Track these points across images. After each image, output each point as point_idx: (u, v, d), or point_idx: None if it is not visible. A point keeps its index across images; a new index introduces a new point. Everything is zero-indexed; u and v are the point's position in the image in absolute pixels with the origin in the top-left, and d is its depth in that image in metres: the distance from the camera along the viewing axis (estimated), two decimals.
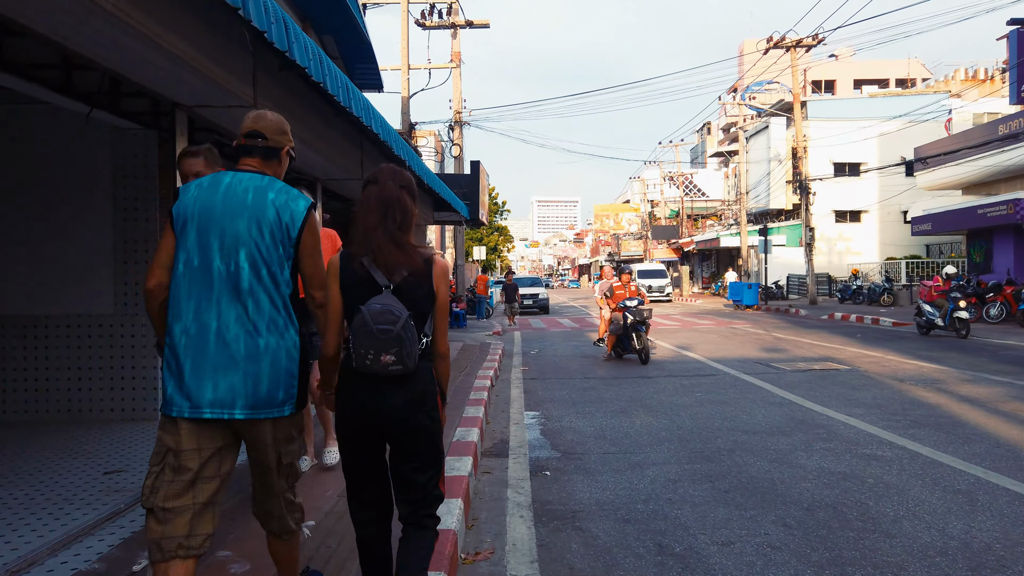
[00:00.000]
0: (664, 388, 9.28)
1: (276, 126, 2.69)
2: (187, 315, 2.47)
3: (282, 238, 2.55)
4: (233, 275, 2.49)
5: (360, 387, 2.51)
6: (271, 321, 2.51)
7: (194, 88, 4.83)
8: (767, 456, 5.71)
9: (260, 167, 2.65)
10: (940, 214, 24.85)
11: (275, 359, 2.49)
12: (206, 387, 2.42)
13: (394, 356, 2.40)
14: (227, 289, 2.49)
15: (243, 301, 2.49)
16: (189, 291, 2.48)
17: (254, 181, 2.57)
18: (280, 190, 2.59)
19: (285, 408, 2.53)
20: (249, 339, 2.47)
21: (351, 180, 8.51)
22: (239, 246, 2.50)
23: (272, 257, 2.53)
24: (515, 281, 25.45)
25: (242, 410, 2.45)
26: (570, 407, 8.09)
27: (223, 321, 2.46)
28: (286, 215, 2.55)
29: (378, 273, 2.51)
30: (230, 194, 2.53)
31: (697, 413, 7.53)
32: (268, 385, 2.48)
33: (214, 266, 2.49)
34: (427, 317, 2.61)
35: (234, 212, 2.51)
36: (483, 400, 7.62)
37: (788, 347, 14.07)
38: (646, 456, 5.79)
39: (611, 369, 11.41)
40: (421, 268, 2.56)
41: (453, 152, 21.91)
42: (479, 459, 5.69)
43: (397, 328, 2.39)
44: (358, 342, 2.41)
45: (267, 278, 2.52)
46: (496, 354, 12.86)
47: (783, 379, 9.81)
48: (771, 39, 28.96)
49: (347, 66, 13.78)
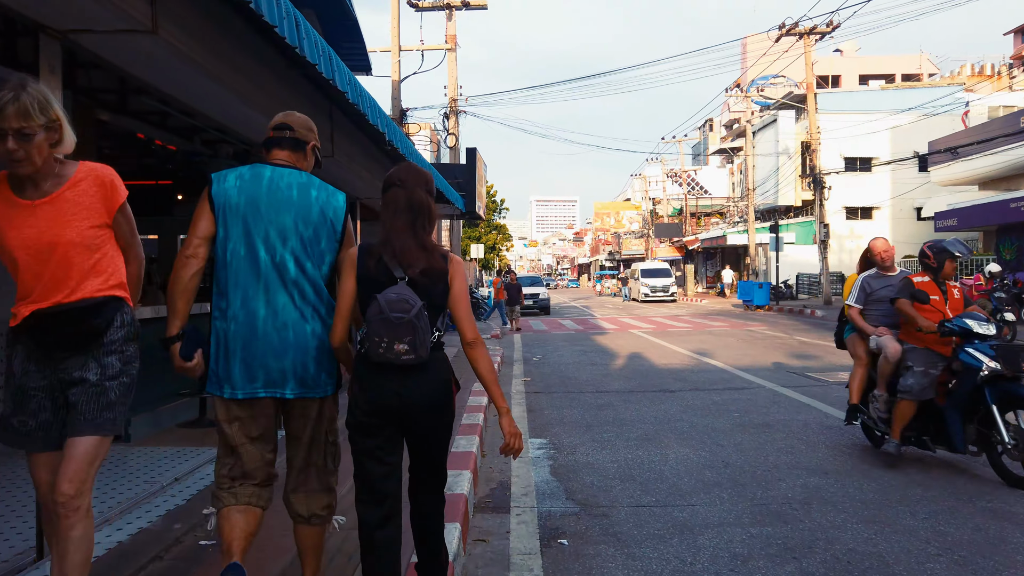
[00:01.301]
0: (692, 405, 7.84)
1: (303, 122, 2.87)
2: (235, 302, 2.61)
3: (327, 233, 2.71)
4: (279, 265, 2.63)
5: (375, 376, 2.52)
6: (315, 309, 2.68)
7: (66, 4, 3.40)
8: (856, 513, 4.27)
9: (290, 159, 2.77)
10: (967, 208, 23.41)
11: (321, 343, 2.67)
12: (258, 370, 2.60)
13: (407, 345, 2.42)
14: (273, 279, 2.63)
15: (290, 291, 2.64)
16: (236, 279, 2.62)
17: (295, 177, 2.71)
18: (320, 187, 2.74)
19: (329, 388, 2.73)
20: (298, 326, 2.64)
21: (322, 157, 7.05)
22: (286, 239, 2.64)
23: (315, 251, 2.69)
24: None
25: (292, 390, 2.64)
26: (584, 432, 6.65)
27: (271, 308, 2.61)
28: (330, 211, 2.72)
29: (396, 267, 2.55)
30: (274, 188, 2.66)
31: (742, 442, 6.09)
32: (314, 367, 2.66)
33: (260, 257, 2.62)
34: (441, 311, 2.62)
35: (280, 207, 2.65)
36: (478, 426, 6.17)
37: (819, 353, 12.63)
38: (694, 511, 4.34)
39: (625, 381, 9.97)
40: (441, 266, 2.60)
41: (448, 142, 20.42)
42: (471, 517, 4.25)
43: (411, 315, 2.41)
44: (372, 330, 2.44)
45: (311, 270, 2.68)
46: (495, 361, 11.41)
47: (831, 394, 8.37)
48: (783, 26, 27.56)
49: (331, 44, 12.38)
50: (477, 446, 5.52)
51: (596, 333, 18.59)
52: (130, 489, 4.66)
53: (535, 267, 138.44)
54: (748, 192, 36.25)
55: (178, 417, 6.83)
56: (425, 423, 2.55)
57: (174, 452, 5.66)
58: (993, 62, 45.59)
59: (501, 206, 56.61)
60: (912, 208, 35.11)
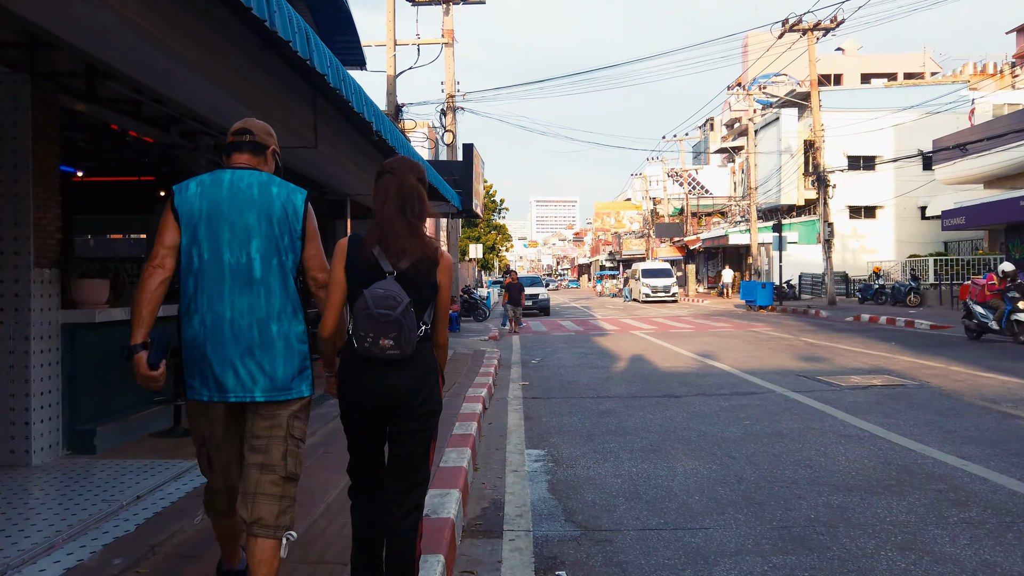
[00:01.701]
0: (700, 412, 7.40)
1: (263, 127, 2.89)
2: (202, 307, 2.62)
3: (289, 229, 2.71)
4: (244, 266, 2.64)
5: (361, 369, 2.56)
6: (283, 308, 2.67)
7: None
8: (889, 538, 3.83)
9: (250, 162, 2.80)
10: (976, 207, 22.95)
11: (288, 343, 2.66)
12: (227, 373, 2.60)
13: (392, 340, 2.45)
14: (239, 280, 2.63)
15: (255, 291, 2.64)
16: (201, 284, 2.63)
17: (255, 177, 2.74)
18: (281, 184, 2.77)
19: (303, 390, 2.71)
20: (264, 326, 2.63)
21: (302, 148, 6.60)
22: (250, 239, 2.65)
23: (280, 248, 2.69)
24: None
25: (262, 392, 2.62)
26: (585, 442, 6.20)
27: (237, 311, 2.61)
28: (290, 208, 2.73)
29: (385, 260, 2.57)
30: (235, 190, 2.68)
31: (756, 453, 5.65)
32: (283, 368, 2.64)
33: (224, 259, 2.63)
34: (428, 305, 2.66)
35: (242, 207, 2.67)
36: (470, 437, 5.72)
37: (827, 355, 12.19)
38: (707, 536, 3.90)
39: (627, 386, 9.52)
40: (432, 255, 2.63)
41: (445, 139, 19.97)
42: (459, 543, 3.81)
43: (396, 313, 2.44)
44: (359, 325, 2.47)
45: (276, 268, 2.67)
46: (491, 365, 10.97)
47: (844, 399, 7.93)
48: (786, 22, 27.13)
49: (324, 37, 11.94)
50: (469, 459, 5.08)
51: (596, 334, 18.15)
52: (84, 509, 4.23)
53: (535, 267, 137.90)
54: (750, 191, 35.80)
55: (150, 426, 6.39)
56: (409, 414, 2.61)
57: (141, 465, 5.22)
58: (995, 61, 45.21)
59: (500, 206, 56.20)
60: (916, 207, 34.68)
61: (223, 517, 2.80)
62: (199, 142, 7.57)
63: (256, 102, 5.65)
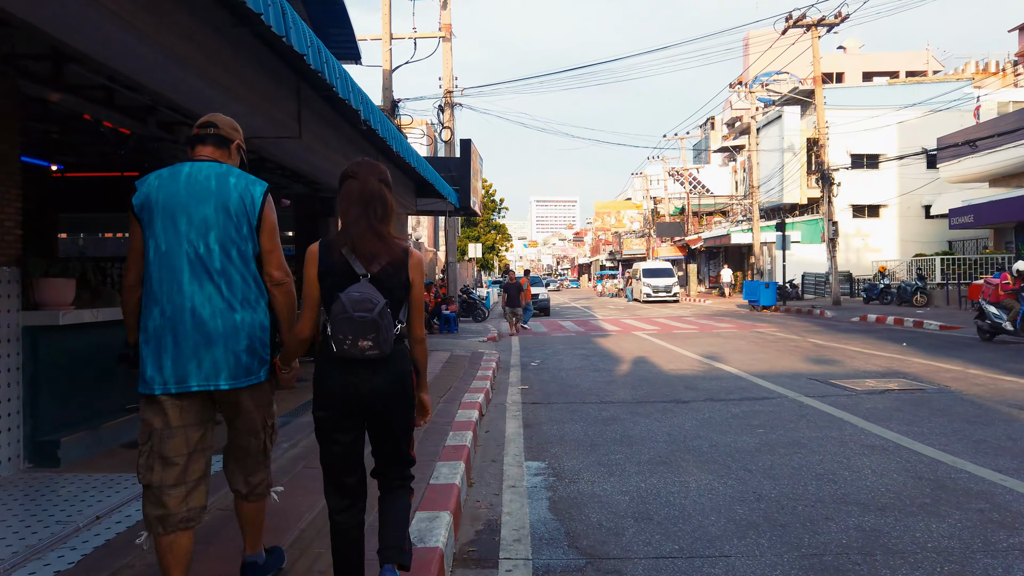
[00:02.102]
0: (710, 419, 6.97)
1: (228, 122, 2.91)
2: (163, 298, 2.62)
3: (247, 220, 2.71)
4: (204, 257, 2.63)
5: (341, 371, 2.58)
6: (244, 297, 2.69)
7: None
8: (934, 568, 3.39)
9: (213, 155, 2.81)
10: (985, 204, 22.51)
11: (251, 332, 2.69)
12: (190, 363, 2.60)
13: (371, 341, 2.49)
14: (198, 271, 2.63)
15: (216, 281, 2.64)
16: (160, 275, 2.63)
17: (214, 169, 2.73)
18: (239, 176, 2.76)
19: (261, 374, 2.76)
20: (226, 315, 2.64)
21: (285, 139, 6.18)
22: (208, 229, 2.65)
23: (239, 238, 2.69)
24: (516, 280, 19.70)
25: (226, 380, 2.65)
26: (588, 453, 5.78)
27: (197, 301, 2.61)
28: (248, 199, 2.71)
29: (357, 263, 2.60)
30: (192, 182, 2.68)
31: (774, 466, 5.22)
32: (246, 356, 2.68)
33: (183, 250, 2.63)
34: (402, 304, 2.70)
35: (199, 198, 2.66)
36: (464, 449, 5.29)
37: (837, 357, 11.76)
38: (730, 566, 3.47)
39: (632, 390, 9.09)
40: (400, 257, 2.66)
41: (443, 136, 19.52)
42: (448, 574, 3.38)
43: (374, 314, 2.47)
44: (337, 328, 2.48)
45: (237, 257, 2.68)
46: (489, 367, 10.54)
47: (862, 405, 7.50)
48: (789, 17, 26.69)
49: (318, 31, 11.52)
50: (462, 475, 4.65)
51: (598, 335, 17.72)
52: (35, 533, 3.82)
53: (535, 267, 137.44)
54: (752, 189, 35.35)
55: (122, 436, 5.98)
56: (388, 413, 2.65)
57: (108, 480, 4.80)
58: (997, 59, 44.90)
59: (500, 205, 55.81)
60: (920, 206, 34.28)
61: (176, 531, 2.59)
62: (178, 133, 7.14)
63: (234, 88, 5.23)
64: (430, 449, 5.29)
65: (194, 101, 5.39)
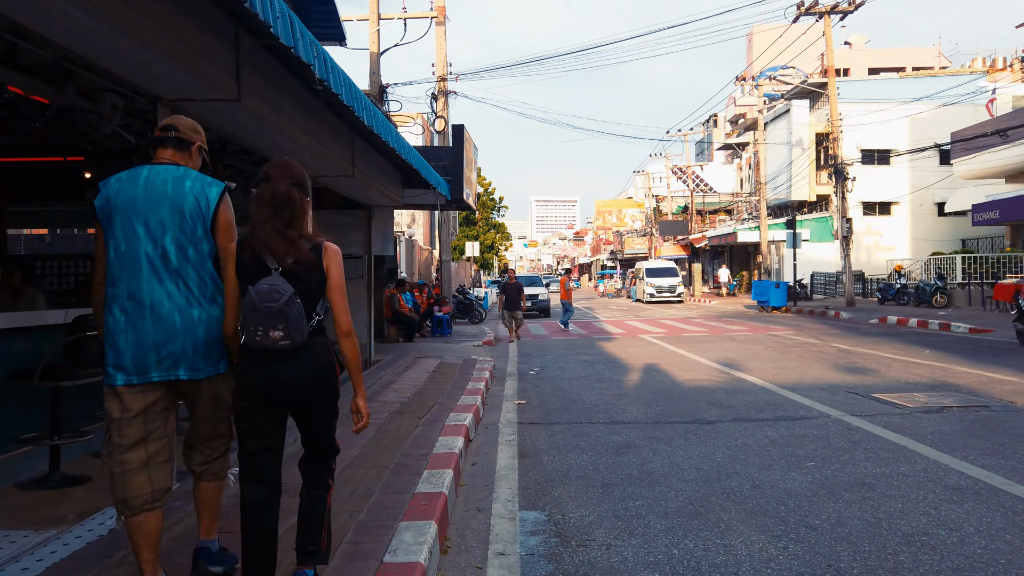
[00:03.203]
0: (744, 447, 5.76)
1: (189, 124, 3.03)
2: (122, 296, 2.75)
3: (202, 221, 2.82)
4: (161, 256, 2.76)
5: (257, 363, 2.63)
6: (201, 294, 2.82)
7: None
8: None
9: (174, 158, 2.93)
10: (1010, 200, 21.31)
11: (208, 326, 2.82)
12: (150, 356, 2.73)
13: (281, 331, 2.53)
14: (157, 269, 2.76)
15: (174, 279, 2.78)
16: (121, 274, 2.76)
17: (171, 172, 2.85)
18: (196, 178, 2.87)
19: (221, 366, 2.89)
20: (184, 311, 2.77)
21: (219, 101, 4.95)
22: (165, 231, 2.77)
23: (195, 238, 2.81)
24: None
25: (185, 371, 2.79)
26: (600, 499, 4.55)
27: (156, 298, 2.75)
28: (203, 201, 2.83)
29: (270, 258, 2.66)
30: (150, 185, 2.80)
31: (843, 520, 4.01)
32: (204, 348, 2.80)
33: (141, 250, 2.76)
34: (319, 298, 2.73)
35: (156, 201, 2.78)
36: (439, 499, 4.06)
37: (870, 365, 10.55)
38: None
39: (645, 406, 7.88)
40: (309, 257, 2.69)
41: (436, 126, 18.30)
42: None
43: (280, 304, 2.52)
44: (247, 320, 2.57)
45: (193, 256, 2.80)
46: (482, 378, 9.33)
47: (923, 428, 6.29)
48: (801, 4, 25.49)
49: (298, 9, 10.32)
50: (431, 545, 3.42)
51: (602, 339, 16.51)
52: None
53: (535, 267, 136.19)
54: (759, 186, 34.15)
55: (18, 472, 4.80)
56: (305, 404, 2.71)
57: None
58: (1005, 55, 43.96)
59: (500, 204, 54.62)
60: (933, 203, 33.12)
61: (143, 511, 2.70)
62: (103, 102, 5.92)
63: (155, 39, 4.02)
64: (395, 497, 4.08)
65: (114, 59, 4.19)
